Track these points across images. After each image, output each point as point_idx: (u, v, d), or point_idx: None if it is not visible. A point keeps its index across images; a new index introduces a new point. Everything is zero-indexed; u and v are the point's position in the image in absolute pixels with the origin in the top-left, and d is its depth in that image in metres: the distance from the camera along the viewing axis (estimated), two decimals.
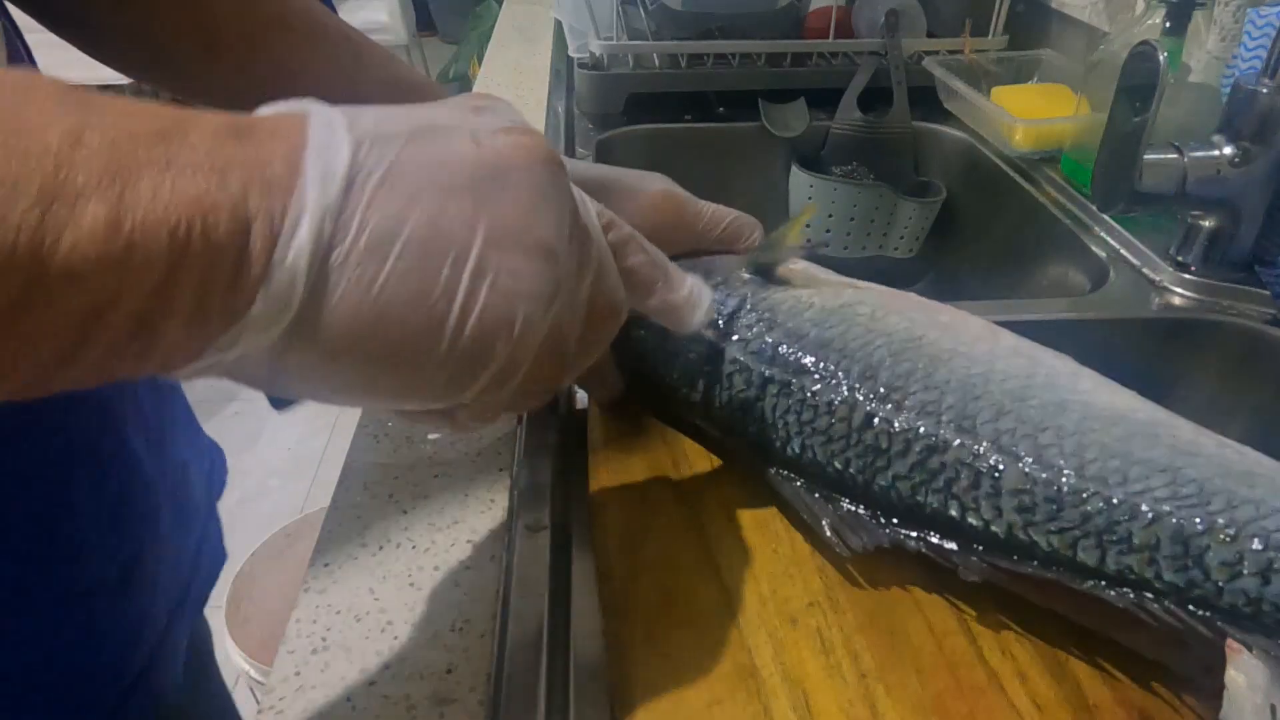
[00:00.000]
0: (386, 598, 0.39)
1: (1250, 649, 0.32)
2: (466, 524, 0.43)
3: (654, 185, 0.47)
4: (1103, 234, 0.72)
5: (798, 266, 0.47)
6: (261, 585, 1.19)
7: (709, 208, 0.48)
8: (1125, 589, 0.34)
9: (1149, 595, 0.34)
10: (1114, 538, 0.34)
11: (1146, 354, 0.64)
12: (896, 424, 0.38)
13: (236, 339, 0.21)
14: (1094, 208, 0.74)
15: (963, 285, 0.96)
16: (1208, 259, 0.65)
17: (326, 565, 0.41)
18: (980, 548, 0.37)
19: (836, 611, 0.38)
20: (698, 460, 0.47)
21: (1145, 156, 0.59)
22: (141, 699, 0.47)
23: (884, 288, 0.46)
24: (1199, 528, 0.33)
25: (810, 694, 0.35)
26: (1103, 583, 0.35)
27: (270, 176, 0.21)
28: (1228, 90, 0.61)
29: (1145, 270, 0.67)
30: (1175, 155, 0.60)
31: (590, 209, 0.30)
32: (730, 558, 0.41)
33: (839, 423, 0.40)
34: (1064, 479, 0.35)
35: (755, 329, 0.43)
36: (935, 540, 0.38)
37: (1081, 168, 0.79)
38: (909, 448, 0.38)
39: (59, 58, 0.45)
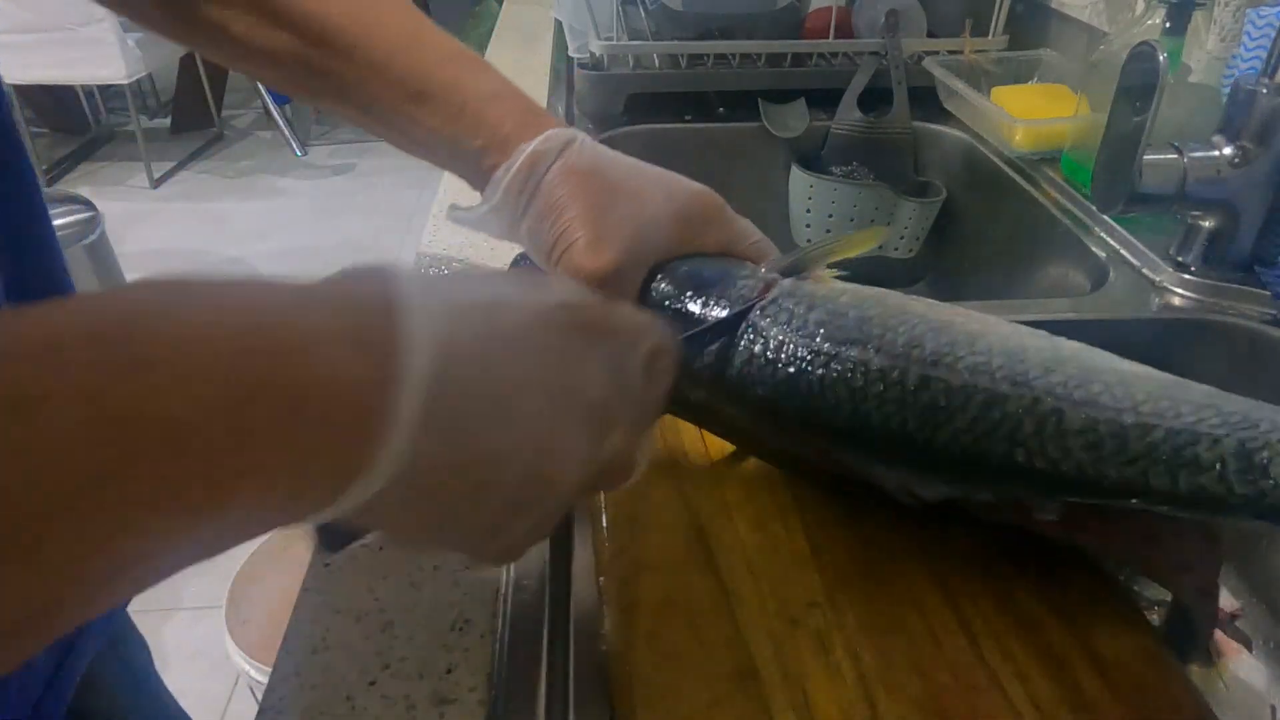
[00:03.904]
0: (386, 598, 0.39)
1: (1250, 649, 0.32)
2: None
3: (696, 184, 0.49)
4: (1103, 234, 0.72)
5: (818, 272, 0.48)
6: (261, 585, 1.19)
7: (743, 220, 0.49)
8: (1201, 510, 0.36)
9: (1224, 513, 0.36)
10: (1181, 462, 0.36)
11: (1146, 354, 0.63)
12: (952, 382, 0.39)
13: (362, 486, 0.24)
14: (1094, 208, 0.74)
15: (963, 285, 0.96)
16: (1208, 259, 0.65)
17: (326, 565, 0.41)
18: (1048, 490, 0.38)
19: (836, 611, 0.38)
20: (698, 460, 0.47)
21: (1145, 157, 0.59)
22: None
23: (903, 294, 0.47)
24: (1258, 443, 0.35)
25: (810, 694, 0.35)
26: (1178, 506, 0.36)
27: (379, 345, 0.24)
28: (1228, 90, 0.61)
29: (1145, 270, 0.67)
30: (1175, 155, 0.60)
31: (639, 354, 0.33)
32: (730, 558, 0.41)
33: (892, 386, 0.40)
34: (1123, 417, 0.37)
35: (796, 310, 0.44)
36: (1001, 487, 0.39)
37: (1081, 168, 0.79)
38: (968, 402, 0.39)
39: (35, 58, 0.44)
